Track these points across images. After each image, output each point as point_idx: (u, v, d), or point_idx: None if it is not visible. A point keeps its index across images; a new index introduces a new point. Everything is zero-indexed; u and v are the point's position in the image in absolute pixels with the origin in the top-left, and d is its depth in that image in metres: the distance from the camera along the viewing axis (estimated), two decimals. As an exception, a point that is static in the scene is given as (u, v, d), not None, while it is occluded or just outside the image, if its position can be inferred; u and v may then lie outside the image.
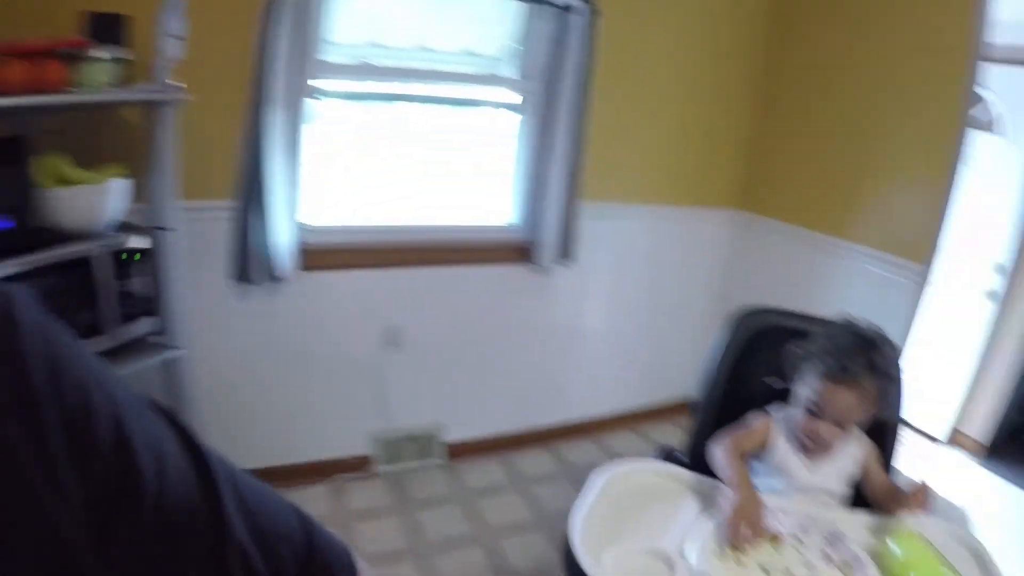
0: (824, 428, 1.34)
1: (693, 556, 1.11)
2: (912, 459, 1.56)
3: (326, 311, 2.40)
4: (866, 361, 1.32)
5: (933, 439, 4.04)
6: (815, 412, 1.35)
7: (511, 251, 2.60)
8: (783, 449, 1.43)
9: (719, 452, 1.39)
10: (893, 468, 1.58)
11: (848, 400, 1.32)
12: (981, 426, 4.17)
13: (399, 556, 2.33)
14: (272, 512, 0.57)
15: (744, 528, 1.20)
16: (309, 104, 2.12)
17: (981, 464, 4.09)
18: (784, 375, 1.54)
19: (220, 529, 0.50)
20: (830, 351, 1.35)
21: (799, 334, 1.55)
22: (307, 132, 2.13)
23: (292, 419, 2.49)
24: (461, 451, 2.88)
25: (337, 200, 2.42)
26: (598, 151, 2.61)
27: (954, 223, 2.61)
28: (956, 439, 4.22)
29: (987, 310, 3.85)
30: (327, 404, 2.54)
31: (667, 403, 3.58)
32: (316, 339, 2.42)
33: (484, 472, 2.86)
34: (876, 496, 1.45)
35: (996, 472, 4.02)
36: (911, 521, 1.29)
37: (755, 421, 1.46)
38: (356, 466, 2.65)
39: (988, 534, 1.35)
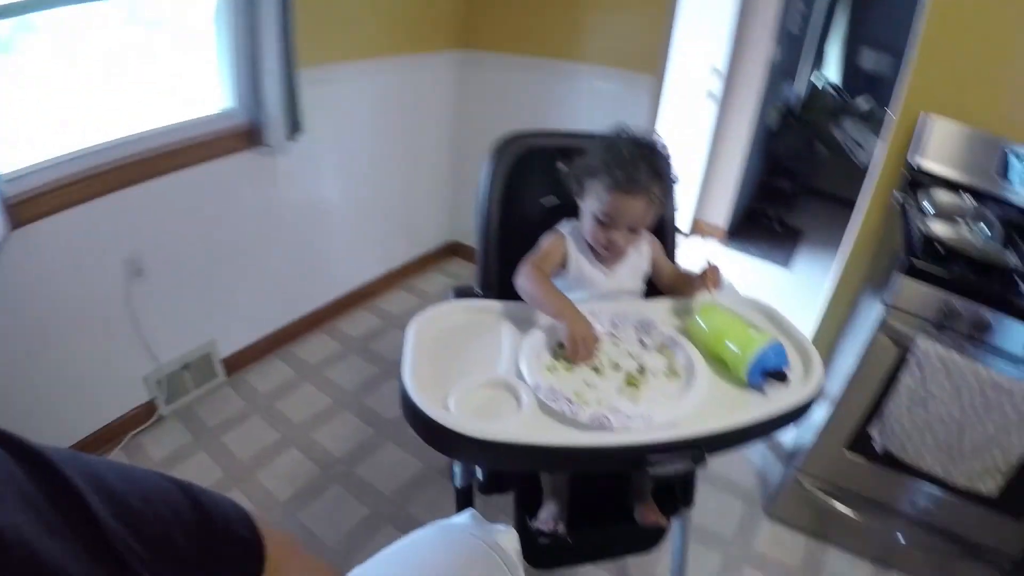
0: (619, 236, 1.40)
1: (527, 376, 1.15)
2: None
3: (54, 265, 2.01)
4: (649, 168, 1.37)
5: (680, 232, 4.51)
6: (608, 223, 1.40)
7: (235, 139, 2.35)
8: (580, 261, 1.48)
9: (526, 281, 1.40)
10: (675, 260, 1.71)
11: (638, 208, 1.38)
12: (720, 214, 4.69)
13: (219, 488, 2.22)
14: (144, 492, 0.54)
15: (583, 349, 1.25)
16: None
17: (724, 246, 4.66)
18: (559, 193, 1.59)
19: (93, 523, 0.49)
20: (614, 163, 1.37)
21: (565, 152, 1.60)
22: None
23: (54, 396, 2.15)
24: (241, 361, 2.75)
25: (29, 138, 1.98)
26: (308, 9, 2.35)
27: (678, 33, 2.78)
28: (699, 228, 4.72)
29: (710, 110, 4.22)
30: (87, 365, 2.22)
31: (429, 253, 3.63)
32: (51, 300, 2.03)
33: (270, 374, 2.77)
34: (670, 284, 1.56)
35: (738, 250, 4.63)
36: (708, 297, 1.41)
37: (548, 242, 1.49)
38: (141, 417, 2.42)
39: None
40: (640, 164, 1.36)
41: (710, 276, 1.40)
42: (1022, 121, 2.23)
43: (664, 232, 1.67)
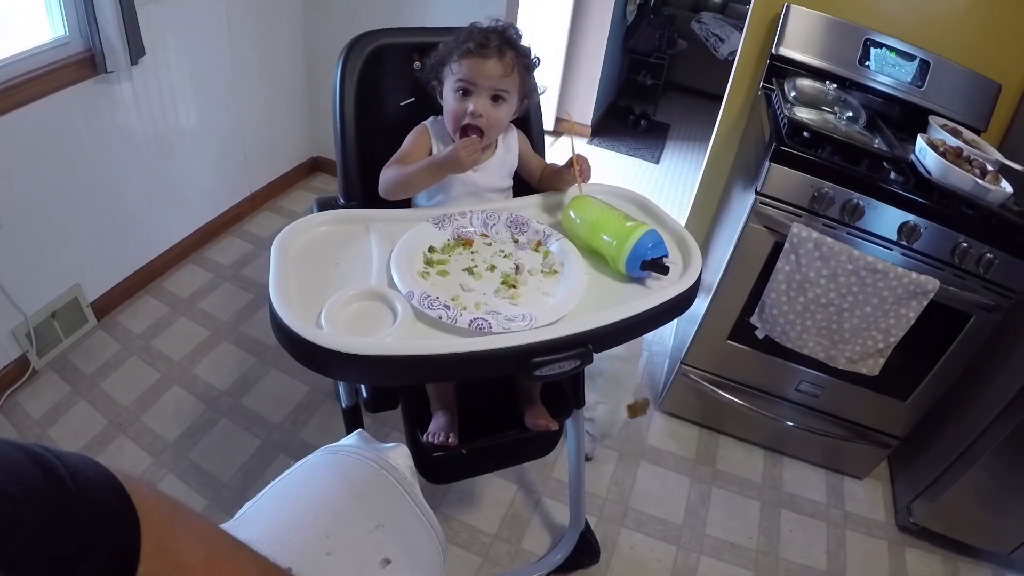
0: (481, 103, 1.34)
1: (400, 284, 1.09)
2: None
3: None
4: (501, 37, 1.34)
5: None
6: (467, 90, 1.34)
7: (73, 69, 2.11)
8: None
9: (387, 179, 1.36)
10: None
11: (495, 69, 1.33)
12: (583, 112, 4.67)
13: (105, 437, 2.12)
14: None
15: (465, 147, 1.27)
16: None
17: (591, 144, 4.66)
18: (418, 93, 1.52)
19: None
20: (465, 38, 1.34)
21: (420, 49, 1.51)
22: None
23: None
24: (110, 303, 2.58)
25: None
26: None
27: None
28: (561, 127, 4.69)
29: (565, 3, 4.15)
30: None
31: (292, 170, 3.49)
32: None
33: (142, 312, 2.62)
34: (538, 179, 1.52)
35: (605, 148, 4.64)
36: (578, 189, 1.38)
37: (410, 139, 1.43)
38: (14, 374, 2.23)
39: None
40: (491, 33, 1.34)
41: (579, 167, 1.37)
42: (880, 9, 2.27)
43: (529, 124, 1.63)
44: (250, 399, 2.30)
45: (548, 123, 4.52)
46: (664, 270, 1.18)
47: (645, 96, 5.32)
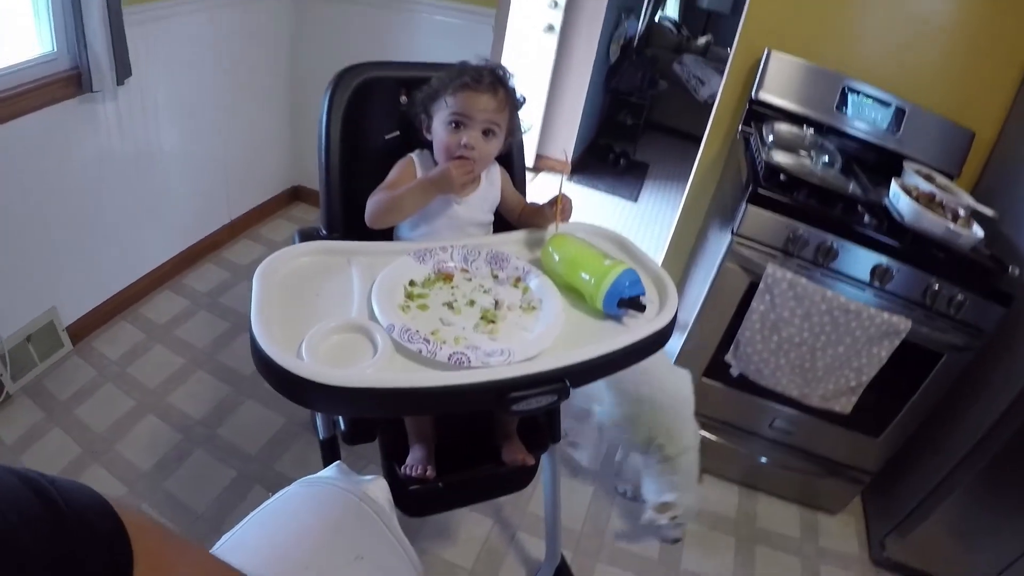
0: (474, 136, 1.37)
1: (380, 316, 1.11)
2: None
3: None
4: (493, 74, 1.39)
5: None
6: (461, 123, 1.37)
7: (58, 86, 2.12)
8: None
9: (374, 205, 1.38)
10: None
11: (489, 104, 1.37)
12: (563, 147, 4.71)
13: (79, 465, 2.09)
14: None
15: (457, 168, 1.32)
16: None
17: (570, 181, 4.70)
18: (403, 127, 1.54)
19: None
20: (458, 73, 1.38)
21: (407, 83, 1.54)
22: None
23: None
24: (86, 327, 2.55)
25: None
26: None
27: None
28: (544, 164, 4.74)
29: (550, 43, 4.21)
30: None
31: (272, 199, 3.49)
32: None
33: (119, 338, 2.59)
34: (519, 217, 1.54)
35: (584, 185, 4.69)
36: (559, 228, 1.40)
37: (396, 170, 1.46)
38: None
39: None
40: (484, 70, 1.39)
41: (561, 207, 1.39)
42: (858, 57, 2.33)
43: (512, 162, 1.66)
44: (225, 429, 2.28)
45: (529, 161, 4.58)
46: (641, 308, 1.20)
47: (625, 135, 5.38)
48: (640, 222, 4.40)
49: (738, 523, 2.30)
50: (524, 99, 1.48)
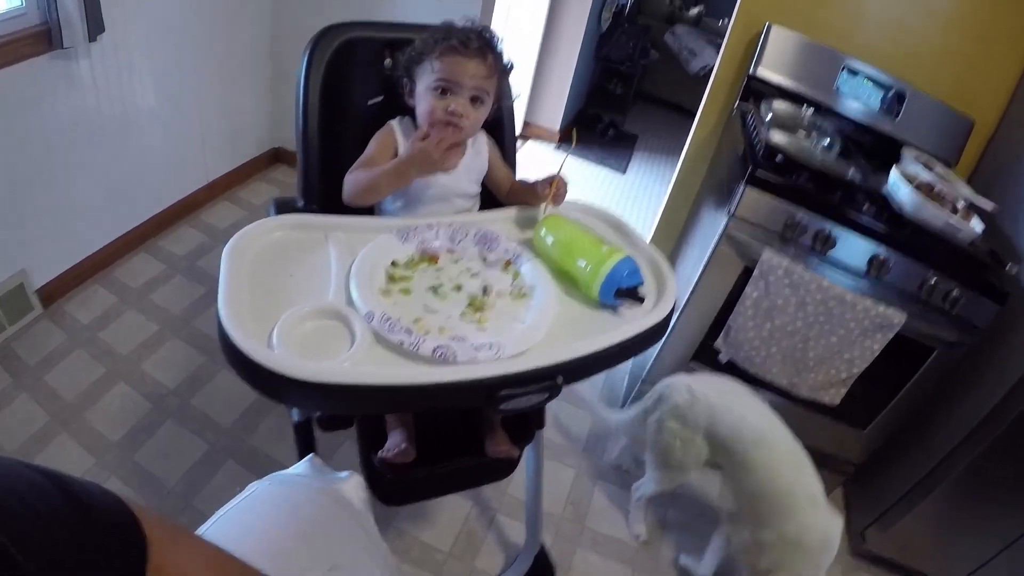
0: (461, 103, 1.30)
1: (359, 303, 1.04)
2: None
3: None
4: (481, 38, 1.31)
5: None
6: (447, 88, 1.30)
7: (27, 43, 2.00)
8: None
9: (351, 185, 1.31)
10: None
11: (478, 69, 1.30)
12: (551, 116, 4.63)
13: (47, 434, 2.01)
14: (10, 486, 0.46)
15: (434, 137, 1.24)
16: None
17: (555, 148, 4.62)
18: (387, 91, 1.46)
19: None
20: (444, 36, 1.30)
21: (391, 45, 1.45)
22: None
23: None
24: (58, 290, 2.46)
25: None
26: None
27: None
28: (531, 131, 4.65)
29: (541, 6, 4.10)
30: None
31: (252, 160, 3.39)
32: None
33: (91, 302, 2.50)
34: (507, 193, 1.47)
35: (572, 155, 4.60)
36: (551, 209, 1.33)
37: (375, 142, 1.37)
38: None
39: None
40: (472, 33, 1.31)
41: (553, 189, 1.33)
42: (860, 36, 2.27)
43: (502, 130, 1.57)
44: (199, 400, 2.21)
45: (517, 128, 4.48)
46: (639, 299, 1.15)
47: (615, 105, 5.29)
48: (629, 195, 4.33)
49: (720, 510, 2.27)
50: (512, 65, 1.40)
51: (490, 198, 1.49)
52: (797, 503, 1.58)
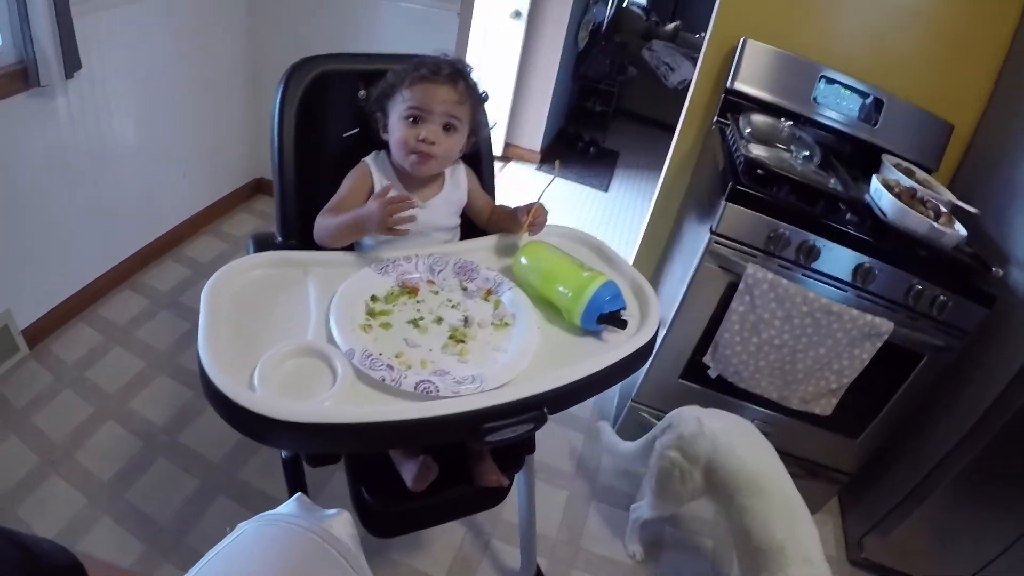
0: (432, 131, 1.30)
1: (339, 339, 1.03)
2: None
3: None
4: (453, 66, 1.31)
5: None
6: (418, 116, 1.30)
7: (2, 82, 1.99)
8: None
9: (323, 224, 1.30)
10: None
11: (448, 95, 1.30)
12: (531, 137, 4.64)
13: (38, 476, 1.99)
14: None
15: (390, 208, 1.19)
16: None
17: (537, 169, 4.63)
18: (363, 124, 1.45)
19: None
20: (415, 67, 1.30)
21: (366, 77, 1.45)
22: None
23: None
24: (42, 329, 2.44)
25: None
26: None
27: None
28: (512, 153, 4.66)
29: (517, 29, 4.12)
30: None
31: (234, 192, 3.39)
32: None
33: (77, 341, 2.48)
34: (487, 219, 1.47)
35: (550, 172, 4.62)
36: (528, 237, 1.33)
37: (348, 182, 1.37)
38: None
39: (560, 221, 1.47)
40: (443, 62, 1.32)
41: (530, 218, 1.32)
42: (835, 46, 2.29)
43: (480, 160, 1.57)
44: (188, 436, 2.19)
45: (497, 150, 4.50)
46: (622, 324, 1.14)
47: (595, 123, 5.32)
48: (611, 213, 4.34)
49: (716, 524, 2.26)
50: (487, 95, 1.40)
51: (471, 226, 1.49)
52: (788, 561, 1.53)
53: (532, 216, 1.31)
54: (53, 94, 2.17)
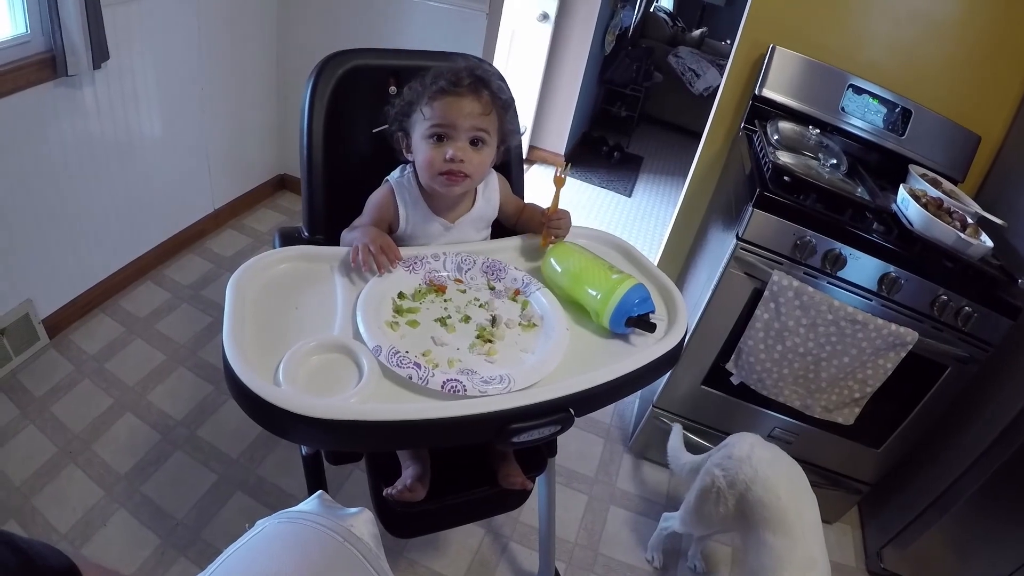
0: (460, 148, 1.22)
1: (365, 336, 1.02)
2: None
3: None
4: (473, 74, 1.24)
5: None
6: (443, 134, 1.23)
7: (32, 70, 2.00)
8: (412, 214, 1.34)
9: (344, 239, 1.29)
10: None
11: (473, 108, 1.22)
12: (556, 140, 4.63)
13: (55, 466, 2.00)
14: None
15: (378, 251, 1.16)
16: None
17: (562, 174, 4.60)
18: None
19: None
20: (433, 79, 1.23)
21: (397, 71, 1.44)
22: None
23: None
24: (63, 320, 2.46)
25: None
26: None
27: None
28: (536, 156, 4.66)
29: (544, 32, 4.12)
30: None
31: (258, 187, 3.40)
32: None
33: (97, 332, 2.50)
34: (517, 221, 1.45)
35: (577, 179, 4.62)
36: (544, 243, 1.32)
37: (374, 201, 1.34)
38: None
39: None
40: (462, 71, 1.23)
41: (558, 223, 1.31)
42: (864, 55, 2.27)
43: (510, 166, 1.55)
44: (206, 430, 2.19)
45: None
46: (651, 328, 1.13)
47: (619, 128, 5.30)
48: (635, 218, 4.32)
49: (734, 533, 2.24)
50: (512, 99, 1.34)
51: (498, 226, 1.48)
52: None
53: (551, 220, 1.30)
54: (80, 84, 2.18)
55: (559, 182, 1.33)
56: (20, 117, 2.03)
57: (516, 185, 1.56)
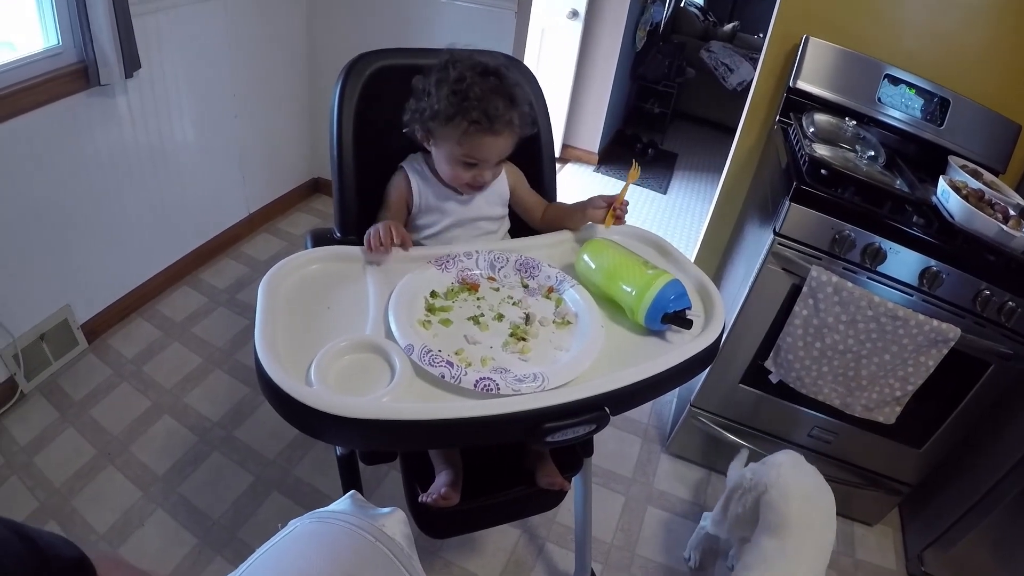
0: (486, 173, 1.30)
1: (398, 335, 1.01)
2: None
3: None
4: (502, 98, 1.23)
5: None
6: (473, 163, 1.28)
7: (65, 80, 2.04)
8: (426, 195, 1.37)
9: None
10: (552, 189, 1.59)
11: (504, 145, 1.27)
12: (590, 138, 4.61)
13: (93, 467, 2.03)
14: None
15: (385, 231, 1.19)
16: None
17: (597, 172, 4.61)
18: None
19: None
20: (465, 103, 1.22)
21: (427, 71, 1.44)
22: None
23: None
24: (101, 324, 2.50)
25: None
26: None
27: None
28: (569, 155, 4.64)
29: (575, 29, 4.11)
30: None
31: (291, 190, 3.43)
32: None
33: (135, 336, 2.54)
34: (541, 218, 1.45)
35: (611, 176, 4.59)
36: (601, 230, 1.31)
37: (392, 186, 1.38)
38: (2, 398, 2.15)
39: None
40: (492, 97, 1.22)
41: (624, 206, 1.30)
42: (900, 44, 2.22)
43: (541, 162, 1.54)
44: (243, 432, 2.21)
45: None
46: (687, 324, 1.11)
47: (652, 124, 5.26)
48: (670, 215, 4.28)
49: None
50: (532, 103, 1.37)
51: (522, 225, 1.47)
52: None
53: (615, 207, 1.30)
54: (113, 93, 2.21)
55: (633, 175, 1.32)
56: (55, 127, 2.06)
57: (548, 184, 1.56)
